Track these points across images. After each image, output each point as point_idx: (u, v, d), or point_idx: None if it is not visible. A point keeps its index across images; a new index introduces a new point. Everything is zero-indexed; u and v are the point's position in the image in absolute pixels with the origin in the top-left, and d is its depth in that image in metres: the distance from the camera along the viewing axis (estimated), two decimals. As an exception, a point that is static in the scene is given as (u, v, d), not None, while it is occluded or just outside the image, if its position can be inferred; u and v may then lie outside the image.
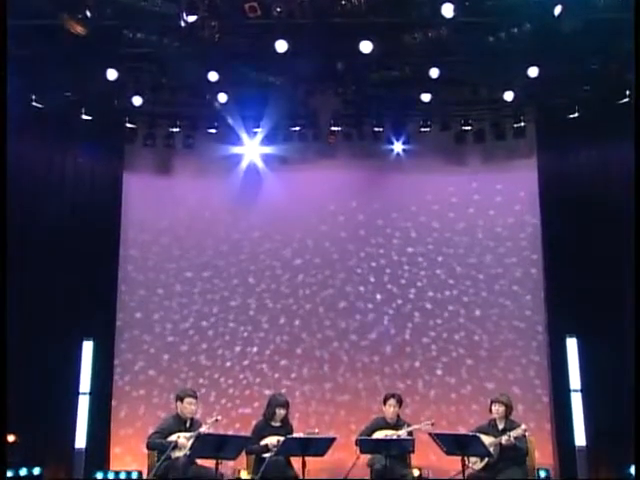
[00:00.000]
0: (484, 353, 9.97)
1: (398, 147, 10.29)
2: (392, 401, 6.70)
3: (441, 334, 10.08)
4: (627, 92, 8.86)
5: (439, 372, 9.97)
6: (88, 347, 9.51)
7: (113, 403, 9.67)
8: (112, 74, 8.73)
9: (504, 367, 9.87)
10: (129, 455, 9.56)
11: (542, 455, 8.74)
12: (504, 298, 10.07)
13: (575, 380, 9.29)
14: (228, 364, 10.11)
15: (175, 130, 10.09)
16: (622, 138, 8.49)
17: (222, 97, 9.31)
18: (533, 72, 8.74)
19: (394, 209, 10.52)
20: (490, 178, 10.41)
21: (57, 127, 9.64)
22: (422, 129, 9.97)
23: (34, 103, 9.09)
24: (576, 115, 9.43)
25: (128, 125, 9.95)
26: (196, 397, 6.39)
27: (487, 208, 10.36)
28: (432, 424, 6.33)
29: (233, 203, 10.48)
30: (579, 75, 9.06)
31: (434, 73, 8.80)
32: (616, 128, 8.85)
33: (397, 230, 10.47)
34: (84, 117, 9.52)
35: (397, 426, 6.66)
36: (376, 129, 10.03)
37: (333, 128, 9.96)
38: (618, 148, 8.99)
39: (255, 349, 10.12)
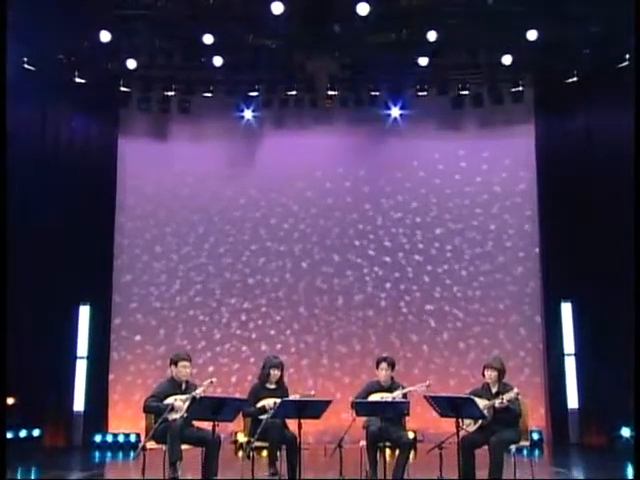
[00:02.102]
0: (478, 314, 10.05)
1: (395, 112, 10.22)
2: (384, 364, 6.71)
3: (433, 295, 10.16)
4: (627, 56, 8.77)
5: (432, 332, 10.05)
6: (85, 312, 9.59)
7: (110, 376, 9.78)
8: (105, 36, 8.60)
9: (498, 327, 9.96)
10: (126, 419, 9.67)
11: (535, 417, 8.85)
12: (501, 259, 10.15)
13: (569, 344, 9.42)
14: (219, 332, 10.17)
15: (170, 94, 9.97)
16: (622, 103, 8.40)
17: (217, 60, 9.21)
18: (532, 35, 8.64)
19: (384, 174, 10.47)
20: (486, 143, 10.36)
21: (50, 90, 9.48)
22: (419, 93, 9.88)
23: (26, 65, 8.96)
24: (575, 79, 9.35)
25: (122, 89, 9.82)
26: (190, 360, 6.40)
27: (475, 175, 10.34)
28: (427, 386, 6.35)
29: (227, 167, 10.43)
30: (579, 39, 8.96)
31: (432, 36, 8.71)
32: (616, 92, 8.77)
33: (384, 196, 10.43)
34: (77, 80, 9.39)
35: (391, 388, 6.69)
36: (373, 93, 9.93)
37: (330, 92, 9.86)
38: (617, 113, 8.89)
39: (246, 305, 10.21)
